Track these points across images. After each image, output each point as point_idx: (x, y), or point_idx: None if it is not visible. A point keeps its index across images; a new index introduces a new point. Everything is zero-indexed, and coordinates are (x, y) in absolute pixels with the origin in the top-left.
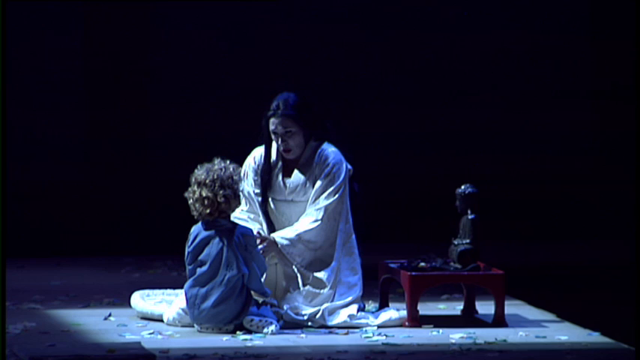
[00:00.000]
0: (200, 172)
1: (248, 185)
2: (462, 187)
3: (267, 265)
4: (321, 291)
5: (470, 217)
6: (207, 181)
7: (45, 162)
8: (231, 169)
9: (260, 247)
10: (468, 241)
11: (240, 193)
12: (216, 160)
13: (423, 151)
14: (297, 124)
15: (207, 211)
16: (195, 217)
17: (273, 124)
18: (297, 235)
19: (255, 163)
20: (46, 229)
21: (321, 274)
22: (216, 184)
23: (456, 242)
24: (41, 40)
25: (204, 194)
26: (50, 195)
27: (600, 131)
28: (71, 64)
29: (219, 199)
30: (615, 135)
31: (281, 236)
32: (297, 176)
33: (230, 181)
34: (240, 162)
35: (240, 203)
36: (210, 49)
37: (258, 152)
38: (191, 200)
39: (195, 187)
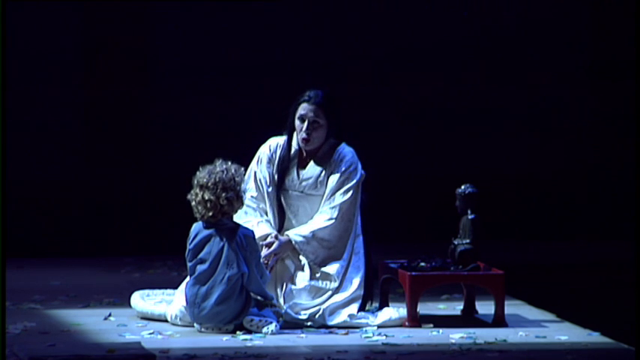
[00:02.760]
0: (202, 175)
1: (260, 171)
2: (462, 187)
3: (269, 274)
4: (327, 286)
5: (470, 217)
6: (210, 184)
7: (45, 162)
8: (233, 171)
9: (269, 251)
10: (468, 241)
11: (243, 194)
12: (218, 162)
13: (423, 151)
14: (325, 117)
15: (210, 213)
16: (199, 219)
17: (304, 109)
18: (312, 232)
19: (270, 151)
20: (46, 229)
21: (331, 270)
22: (219, 187)
23: (456, 242)
24: (40, 38)
25: (206, 197)
26: (50, 195)
27: (601, 132)
28: (71, 63)
29: (221, 202)
30: (616, 135)
31: (295, 233)
32: (311, 169)
33: (232, 183)
34: (240, 159)
35: (243, 204)
36: (210, 46)
37: (274, 141)
38: (194, 202)
39: (198, 190)
